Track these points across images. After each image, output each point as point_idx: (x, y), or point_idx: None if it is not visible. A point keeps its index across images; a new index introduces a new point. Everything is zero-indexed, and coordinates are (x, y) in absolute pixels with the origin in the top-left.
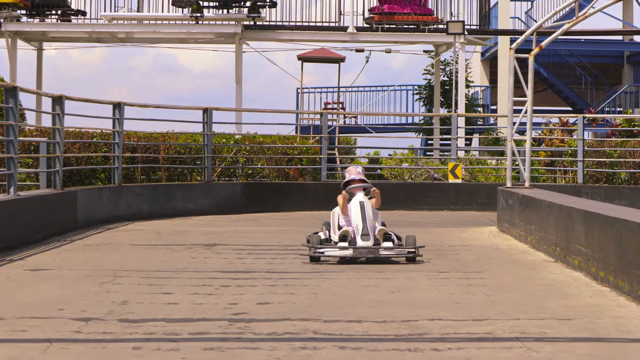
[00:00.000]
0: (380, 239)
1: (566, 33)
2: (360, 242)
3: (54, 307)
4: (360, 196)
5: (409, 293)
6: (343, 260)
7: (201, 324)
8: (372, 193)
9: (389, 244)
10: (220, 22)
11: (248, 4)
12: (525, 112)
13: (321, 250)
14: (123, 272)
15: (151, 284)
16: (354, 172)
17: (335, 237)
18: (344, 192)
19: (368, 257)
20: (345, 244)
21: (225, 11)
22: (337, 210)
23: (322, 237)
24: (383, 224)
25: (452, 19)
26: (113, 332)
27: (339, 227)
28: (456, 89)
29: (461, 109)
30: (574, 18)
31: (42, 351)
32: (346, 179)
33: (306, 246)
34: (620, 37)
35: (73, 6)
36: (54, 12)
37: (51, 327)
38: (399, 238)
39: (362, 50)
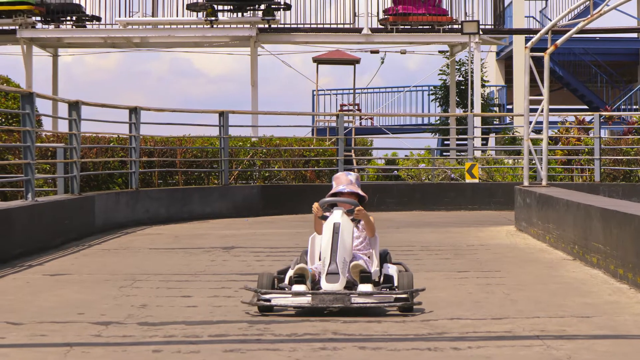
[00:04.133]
0: (356, 278)
1: (581, 31)
2: (324, 285)
3: (73, 312)
4: (337, 215)
5: (428, 292)
6: (302, 312)
7: (221, 326)
8: (356, 214)
9: (367, 287)
10: (235, 26)
11: (262, 6)
12: (542, 111)
13: (267, 296)
14: (142, 276)
15: (170, 288)
16: (343, 180)
17: (290, 272)
18: (315, 204)
19: (334, 307)
20: (302, 288)
21: (239, 14)
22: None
23: (292, 273)
24: (385, 256)
25: (467, 19)
26: (133, 336)
27: (320, 258)
28: (472, 88)
29: (477, 108)
30: (589, 16)
31: (62, 355)
32: (332, 191)
33: (248, 290)
34: (635, 35)
35: (88, 12)
36: (68, 18)
37: (71, 331)
38: (403, 270)
39: (377, 52)
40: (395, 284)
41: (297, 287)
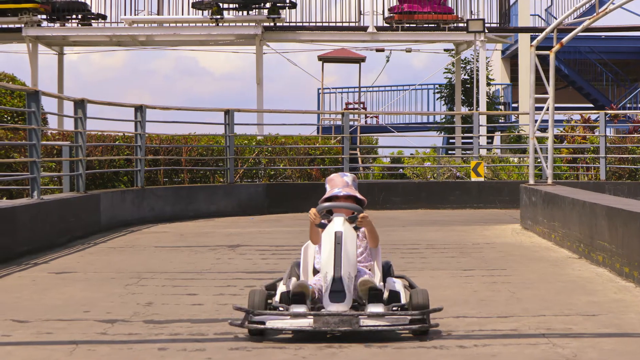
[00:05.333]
0: (364, 297)
1: (586, 30)
2: (327, 305)
3: (79, 310)
4: (338, 223)
5: (434, 291)
6: (301, 336)
7: (227, 324)
8: (360, 222)
9: (378, 308)
10: (240, 24)
11: (268, 5)
12: (547, 110)
13: (260, 318)
14: (147, 274)
15: (176, 286)
16: (338, 182)
17: (282, 287)
18: (312, 211)
19: (340, 330)
20: (302, 308)
21: (245, 13)
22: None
23: (284, 288)
24: (387, 269)
25: (472, 17)
26: (138, 334)
27: (315, 271)
28: (477, 87)
29: (482, 107)
30: (595, 14)
31: (68, 353)
32: (326, 195)
33: (239, 309)
34: None
35: (93, 10)
36: (74, 16)
37: (77, 329)
38: (410, 286)
39: (382, 50)
40: (403, 301)
41: (296, 308)
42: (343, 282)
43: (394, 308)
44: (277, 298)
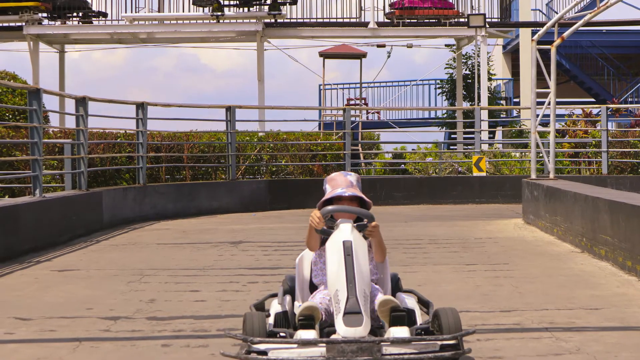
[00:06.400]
0: (385, 319)
1: (588, 24)
2: (342, 329)
3: (82, 307)
4: (346, 230)
5: (436, 286)
6: None
7: (229, 320)
8: (369, 232)
9: (402, 331)
10: (241, 21)
11: (268, 1)
12: (549, 104)
13: (262, 347)
14: (150, 271)
15: (178, 282)
16: (341, 182)
17: (276, 307)
18: (316, 214)
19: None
20: (311, 334)
21: (245, 9)
22: (309, 253)
23: (279, 308)
24: (395, 282)
25: (473, 12)
26: (142, 330)
27: (312, 287)
28: (478, 82)
29: (484, 102)
30: (595, 8)
31: (71, 350)
32: (327, 195)
33: (233, 337)
34: None
35: (94, 8)
36: (75, 14)
37: (80, 326)
38: (420, 302)
39: (383, 46)
40: (419, 321)
41: (304, 334)
42: (359, 301)
43: (418, 331)
44: (271, 320)
